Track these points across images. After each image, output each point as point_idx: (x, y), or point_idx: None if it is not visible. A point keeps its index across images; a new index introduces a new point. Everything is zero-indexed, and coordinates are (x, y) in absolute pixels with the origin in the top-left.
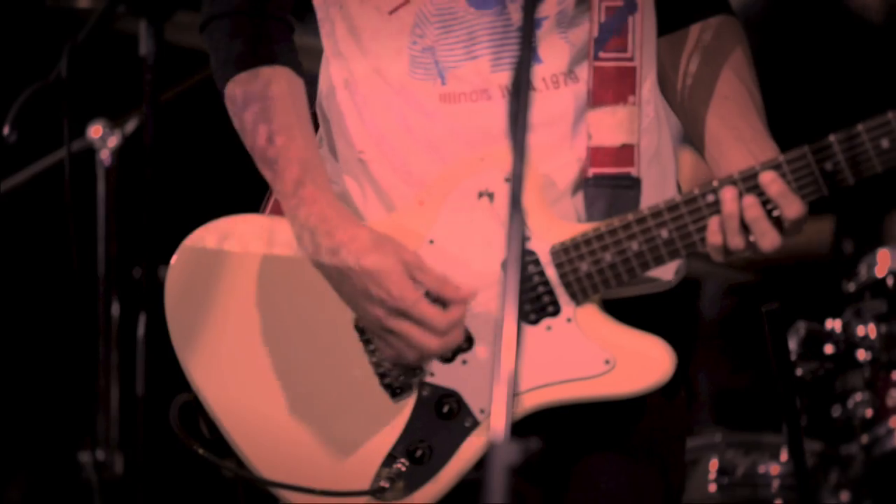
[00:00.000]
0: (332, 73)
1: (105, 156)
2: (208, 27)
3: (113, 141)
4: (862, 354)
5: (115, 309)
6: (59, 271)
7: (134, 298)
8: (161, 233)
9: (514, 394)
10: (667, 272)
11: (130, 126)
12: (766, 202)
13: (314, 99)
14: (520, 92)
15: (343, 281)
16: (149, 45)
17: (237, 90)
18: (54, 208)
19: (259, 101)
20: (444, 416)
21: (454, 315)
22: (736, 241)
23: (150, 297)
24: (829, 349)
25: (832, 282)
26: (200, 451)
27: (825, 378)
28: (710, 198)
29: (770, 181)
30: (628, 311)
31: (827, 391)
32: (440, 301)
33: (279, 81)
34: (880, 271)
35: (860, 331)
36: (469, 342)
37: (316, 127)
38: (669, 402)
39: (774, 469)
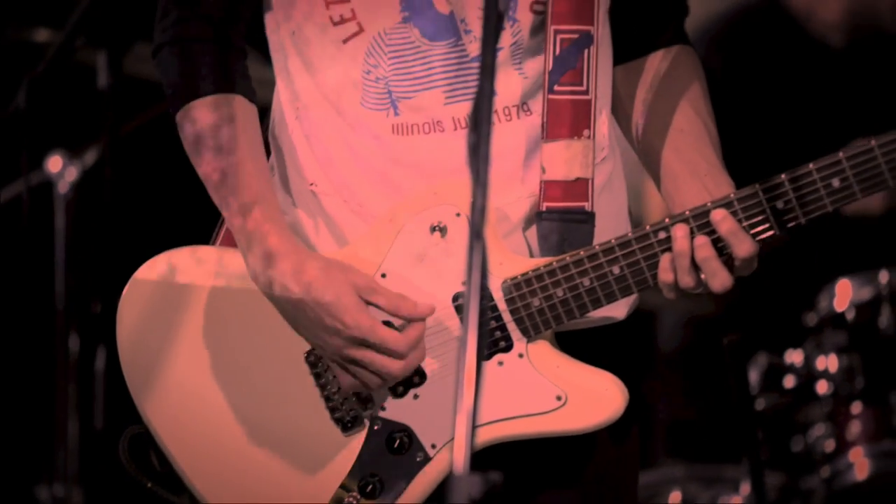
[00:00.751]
0: (283, 102)
1: (63, 188)
2: (161, 53)
3: (72, 173)
4: (822, 387)
5: (74, 342)
6: (18, 304)
7: (92, 331)
8: (120, 265)
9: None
10: (618, 308)
11: (89, 158)
12: (716, 241)
13: (267, 127)
14: (479, 123)
15: (297, 313)
16: (108, 76)
17: (191, 117)
18: (12, 241)
19: (213, 130)
20: (395, 451)
21: (413, 335)
22: (686, 280)
23: (109, 330)
24: (789, 382)
25: (793, 314)
26: (149, 484)
27: (786, 411)
28: (662, 235)
29: (721, 219)
30: (581, 344)
31: (787, 424)
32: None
33: (233, 110)
34: (840, 304)
35: (820, 363)
36: (421, 376)
37: (268, 155)
38: (622, 437)
39: (735, 502)
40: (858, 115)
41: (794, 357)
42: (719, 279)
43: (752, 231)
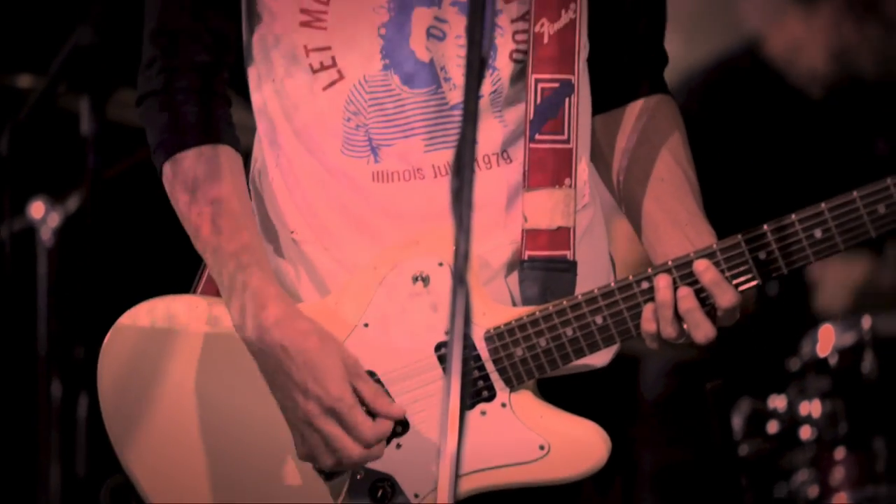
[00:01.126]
0: (264, 149)
1: (46, 234)
2: (146, 102)
3: (54, 219)
4: (806, 433)
5: (56, 388)
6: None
7: (75, 378)
8: (102, 312)
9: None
10: (600, 355)
11: (72, 204)
12: (699, 291)
13: (248, 174)
14: (462, 168)
15: (279, 370)
16: (91, 122)
17: (176, 168)
18: None
19: (198, 180)
20: (378, 501)
21: (382, 429)
22: (669, 330)
23: (92, 377)
24: (772, 427)
25: (776, 359)
26: None
27: (769, 456)
28: (645, 285)
29: (704, 269)
30: (564, 392)
31: (771, 470)
32: (370, 413)
33: (219, 160)
34: (823, 349)
35: (804, 409)
36: (404, 426)
37: None
38: (605, 485)
39: None
40: (840, 166)
41: (778, 402)
42: (703, 330)
43: (735, 281)
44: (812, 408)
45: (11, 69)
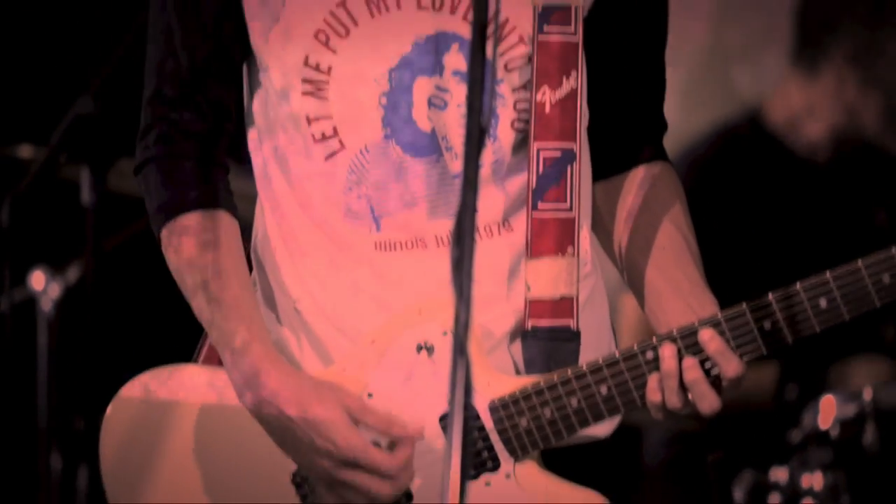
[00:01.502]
0: (266, 218)
1: (46, 305)
2: (144, 170)
3: (55, 290)
4: None
5: (56, 460)
6: None
7: (75, 450)
8: (103, 383)
9: None
10: (604, 427)
11: (72, 274)
12: (704, 360)
13: (249, 242)
14: (462, 237)
15: (285, 432)
16: (91, 192)
17: (175, 235)
18: None
19: (197, 248)
20: None
21: (403, 456)
22: (674, 401)
23: (92, 449)
24: (774, 499)
25: (778, 430)
26: None
27: None
28: (650, 354)
29: (709, 339)
30: (566, 462)
31: None
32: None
33: (217, 227)
34: (824, 422)
35: (806, 481)
36: (408, 497)
37: (250, 270)
38: None
39: None
40: (843, 234)
41: (779, 474)
42: (708, 402)
43: (740, 351)
44: (814, 480)
45: (12, 140)
